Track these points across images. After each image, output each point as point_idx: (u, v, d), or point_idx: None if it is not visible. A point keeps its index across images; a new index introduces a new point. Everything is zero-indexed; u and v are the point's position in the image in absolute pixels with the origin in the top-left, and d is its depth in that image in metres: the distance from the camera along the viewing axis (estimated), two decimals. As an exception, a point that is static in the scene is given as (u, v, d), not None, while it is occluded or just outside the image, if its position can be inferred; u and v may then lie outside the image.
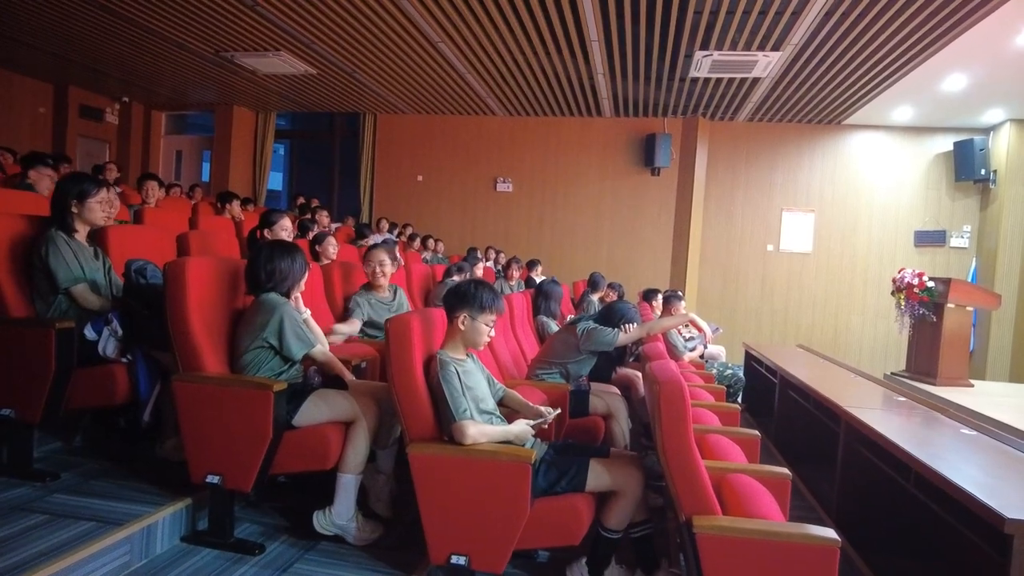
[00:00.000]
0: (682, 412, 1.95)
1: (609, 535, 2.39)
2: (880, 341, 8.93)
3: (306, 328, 2.68)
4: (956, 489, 2.06)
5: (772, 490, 2.25)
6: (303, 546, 2.53)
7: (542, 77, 7.67)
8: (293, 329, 2.56)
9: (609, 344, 3.47)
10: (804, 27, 5.70)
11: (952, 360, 6.07)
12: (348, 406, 2.56)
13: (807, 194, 9.21)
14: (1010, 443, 2.71)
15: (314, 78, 8.23)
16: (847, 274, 9.12)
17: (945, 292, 5.99)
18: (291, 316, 2.58)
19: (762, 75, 7.05)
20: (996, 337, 8.35)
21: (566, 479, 2.34)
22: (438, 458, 2.25)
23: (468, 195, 9.79)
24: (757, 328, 9.18)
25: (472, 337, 2.44)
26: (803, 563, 1.81)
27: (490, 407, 2.46)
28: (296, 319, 2.61)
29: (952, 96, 7.42)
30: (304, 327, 2.66)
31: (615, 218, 9.48)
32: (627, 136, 9.39)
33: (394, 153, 9.96)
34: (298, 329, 2.59)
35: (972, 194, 8.81)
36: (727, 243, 9.35)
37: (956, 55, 6.15)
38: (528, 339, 4.41)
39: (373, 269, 3.85)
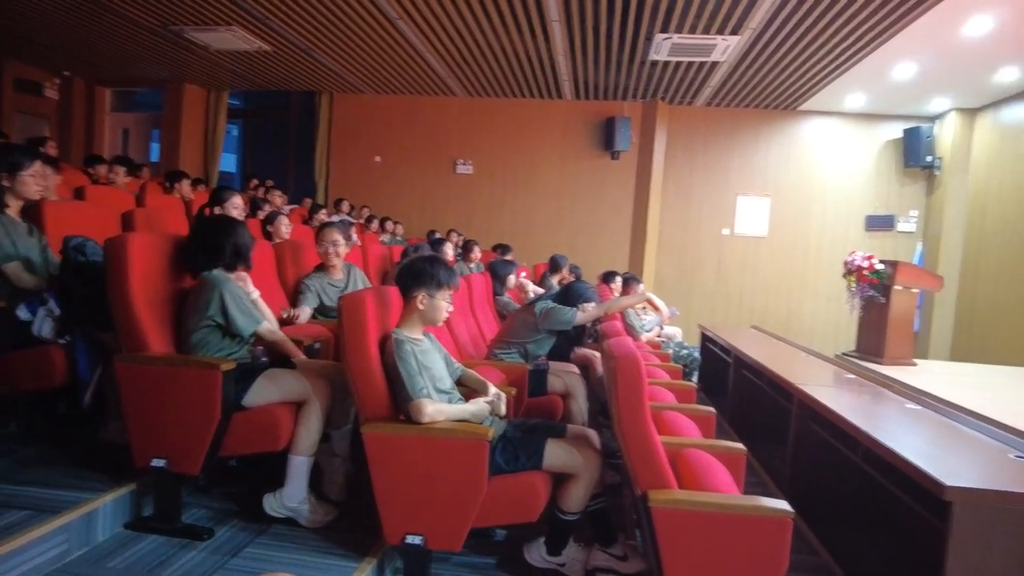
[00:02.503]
0: (638, 387, 1.95)
1: (567, 518, 2.39)
2: (831, 322, 9.18)
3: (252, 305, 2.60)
4: (900, 460, 2.11)
5: (727, 465, 2.28)
6: (254, 530, 2.47)
7: (503, 57, 7.59)
8: (238, 305, 2.49)
9: (567, 323, 3.47)
10: (762, 12, 5.75)
11: (898, 340, 6.27)
12: (299, 386, 2.49)
13: (762, 179, 9.36)
14: (950, 416, 2.81)
15: (268, 55, 7.98)
16: (800, 257, 9.33)
17: (893, 275, 6.17)
18: (234, 292, 2.50)
19: (721, 59, 7.10)
20: (938, 318, 8.66)
21: (523, 457, 2.33)
22: (393, 437, 2.22)
23: (427, 177, 9.66)
24: (713, 310, 9.34)
25: (432, 315, 2.41)
26: (757, 535, 1.84)
27: (447, 386, 2.43)
28: (240, 295, 2.53)
29: (902, 84, 7.61)
30: (250, 303, 2.58)
31: (575, 201, 9.49)
32: (587, 119, 9.38)
33: (351, 133, 9.76)
34: (243, 305, 2.52)
35: (919, 180, 9.08)
36: (684, 227, 9.46)
37: (906, 44, 6.30)
38: (487, 319, 4.38)
39: (326, 249, 3.76)
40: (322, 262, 3.82)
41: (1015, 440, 2.43)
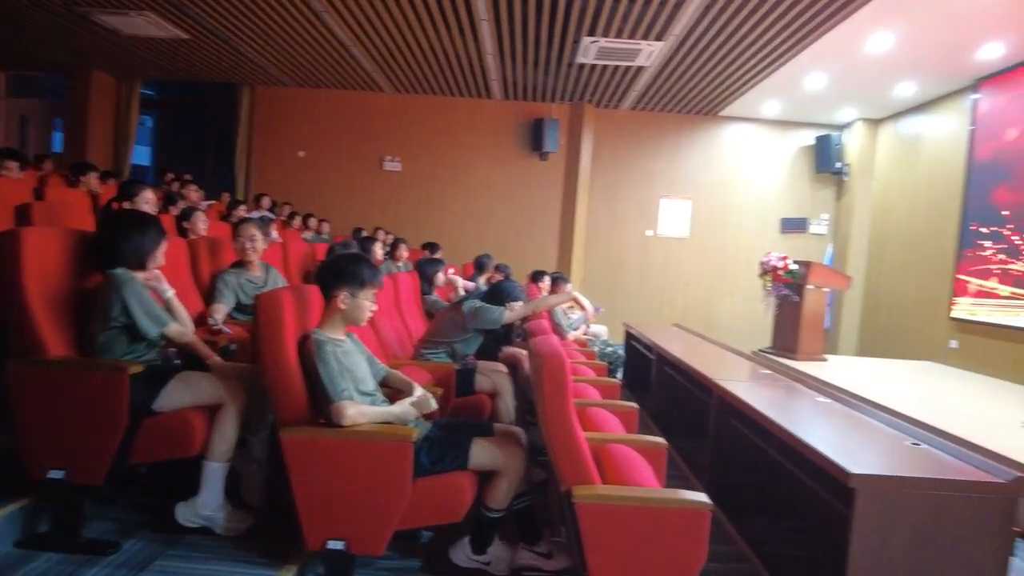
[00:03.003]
0: (563, 385, 1.96)
1: (492, 515, 2.39)
2: (748, 320, 9.55)
3: (158, 305, 2.47)
4: (810, 450, 2.22)
5: (649, 459, 2.33)
6: (165, 541, 2.35)
7: (431, 55, 7.52)
8: (142, 306, 2.36)
9: (495, 322, 3.47)
10: (685, 18, 5.93)
11: (810, 337, 6.61)
12: (213, 389, 2.39)
13: (684, 182, 9.65)
14: (855, 408, 2.97)
15: (185, 44, 7.61)
16: (719, 258, 9.68)
17: (806, 275, 6.50)
18: (139, 292, 2.37)
19: (645, 64, 7.28)
20: (847, 315, 9.18)
21: (449, 457, 2.31)
22: (313, 441, 2.15)
23: (354, 173, 9.46)
24: (637, 308, 9.56)
25: (354, 315, 2.34)
26: (677, 527, 1.88)
27: (370, 388, 2.38)
28: (144, 295, 2.40)
29: (813, 94, 8.02)
30: (156, 304, 2.44)
31: (505, 200, 9.52)
32: (516, 119, 9.43)
33: (274, 127, 9.45)
34: (148, 306, 2.39)
35: (830, 185, 9.59)
36: (610, 228, 9.65)
37: (816, 56, 6.64)
38: (414, 319, 4.33)
39: (243, 245, 3.62)
40: (239, 259, 3.67)
41: (911, 428, 2.59)
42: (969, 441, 3.69)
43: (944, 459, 2.23)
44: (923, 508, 2.00)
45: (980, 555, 2.01)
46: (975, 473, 2.09)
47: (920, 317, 7.86)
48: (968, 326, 6.99)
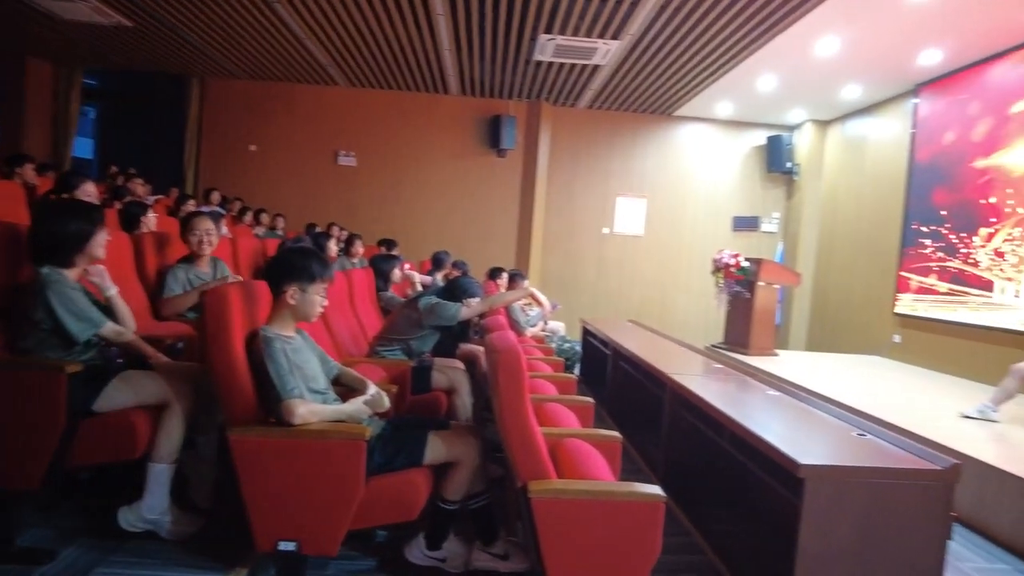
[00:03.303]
0: (519, 380, 1.95)
1: (447, 507, 2.37)
2: (702, 316, 9.75)
3: (91, 306, 2.35)
4: (761, 442, 2.26)
5: (604, 452, 2.34)
6: (106, 548, 2.26)
7: (387, 49, 7.43)
8: (68, 308, 2.24)
9: (452, 318, 3.44)
10: (641, 18, 5.99)
11: (761, 332, 6.78)
12: (158, 388, 2.31)
13: (640, 181, 9.77)
14: (805, 401, 3.04)
15: (130, 32, 7.33)
16: (674, 255, 9.84)
17: (757, 272, 6.67)
18: (63, 293, 2.24)
19: (602, 63, 7.33)
20: (797, 311, 9.44)
21: (403, 454, 2.28)
22: (262, 441, 2.09)
23: (308, 168, 9.28)
24: (593, 305, 9.64)
25: (305, 310, 2.28)
26: (632, 519, 1.89)
27: (322, 386, 2.32)
28: (71, 296, 2.27)
29: (765, 95, 8.21)
30: (88, 304, 2.33)
31: (462, 197, 9.48)
32: (474, 116, 9.39)
33: (225, 121, 9.19)
34: (77, 308, 2.26)
35: (780, 184, 9.83)
36: (567, 225, 9.70)
37: (768, 57, 6.79)
38: (369, 316, 4.26)
39: (200, 239, 3.50)
40: (188, 253, 3.55)
41: (857, 420, 2.67)
42: (911, 431, 3.83)
43: (888, 449, 2.30)
44: (868, 496, 2.06)
45: (920, 539, 2.08)
46: (916, 461, 2.16)
47: (866, 313, 8.13)
48: (910, 321, 7.26)
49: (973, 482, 3.37)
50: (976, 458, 3.41)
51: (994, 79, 6.32)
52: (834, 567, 2.06)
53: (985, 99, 6.40)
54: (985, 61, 6.40)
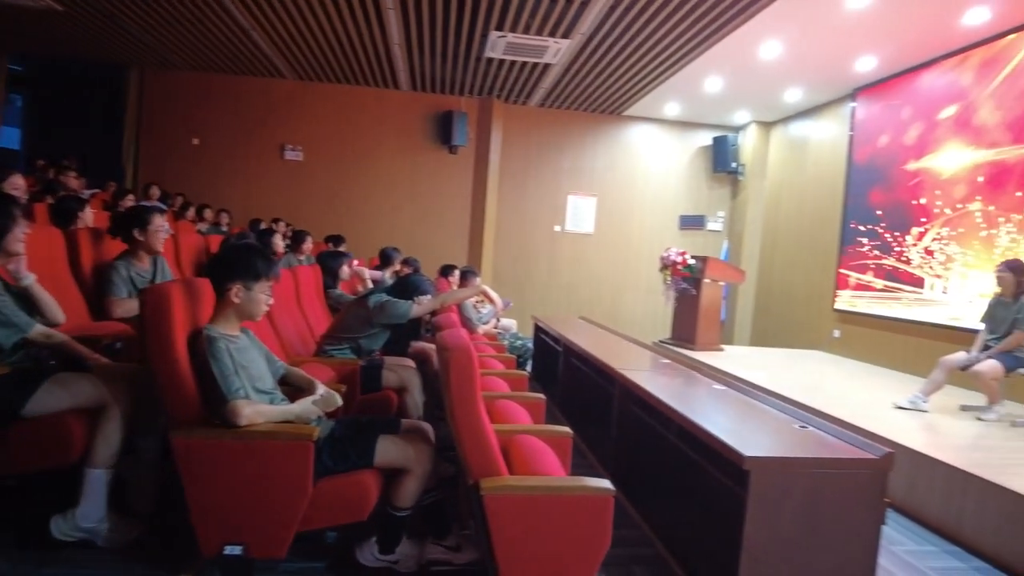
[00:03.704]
0: (470, 377, 1.95)
1: (399, 514, 2.34)
2: (650, 313, 9.93)
3: (15, 308, 2.23)
4: (707, 435, 2.31)
5: (555, 448, 2.36)
6: (37, 560, 2.15)
7: (335, 42, 7.30)
8: None
9: (403, 316, 3.41)
10: (591, 17, 6.04)
11: (707, 328, 6.95)
12: (94, 391, 2.21)
13: (590, 179, 9.88)
14: (749, 395, 3.13)
15: (60, 16, 6.98)
16: (623, 253, 9.98)
17: (703, 269, 6.83)
18: None
19: (553, 61, 7.37)
20: (741, 308, 9.71)
21: (353, 455, 2.25)
22: (207, 443, 2.03)
23: (252, 162, 9.03)
24: (545, 302, 9.72)
25: (249, 308, 2.23)
26: (582, 513, 1.91)
27: (268, 386, 2.27)
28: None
29: (711, 96, 8.40)
30: (10, 309, 2.21)
31: (413, 193, 9.39)
32: (424, 112, 9.32)
33: (166, 113, 8.86)
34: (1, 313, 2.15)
35: (726, 184, 10.08)
36: (520, 222, 9.73)
37: (714, 59, 6.95)
38: (316, 314, 4.19)
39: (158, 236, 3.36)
40: (127, 249, 3.40)
41: (799, 412, 2.76)
42: (848, 422, 3.99)
43: (827, 440, 2.39)
44: (809, 485, 2.13)
45: (857, 525, 2.17)
46: (853, 451, 2.25)
47: (807, 309, 8.41)
48: (849, 317, 7.55)
49: (905, 469, 3.53)
50: (908, 446, 3.57)
51: (924, 86, 6.62)
52: (777, 555, 2.13)
53: (916, 105, 6.70)
54: (916, 69, 6.71)
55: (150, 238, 3.28)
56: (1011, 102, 5.61)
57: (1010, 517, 2.96)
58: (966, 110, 6.08)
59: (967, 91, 6.08)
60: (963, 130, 6.10)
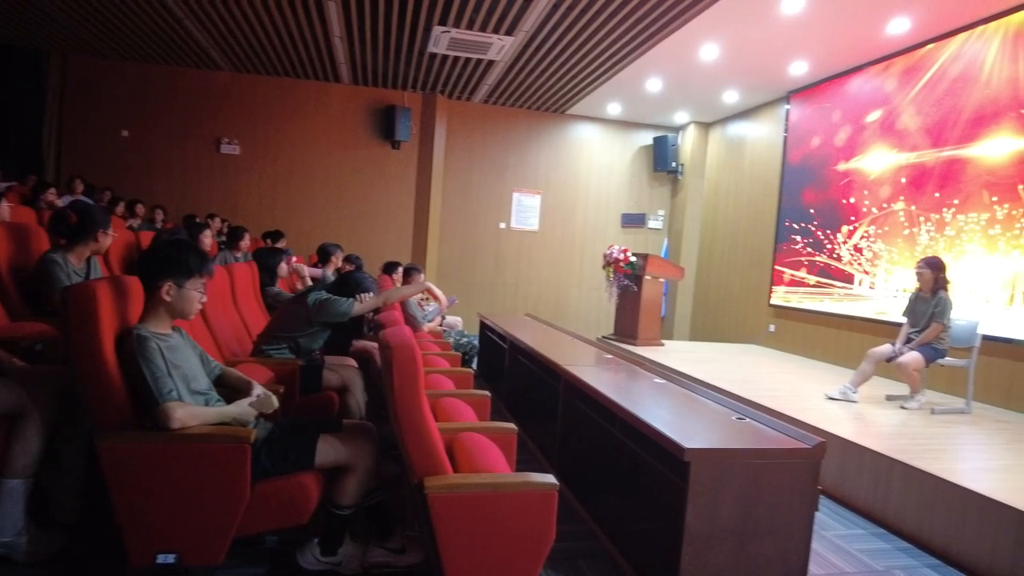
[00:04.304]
0: (414, 376, 1.92)
1: (341, 512, 2.30)
2: (594, 309, 10.06)
3: None
4: (649, 428, 2.36)
5: (500, 444, 2.36)
6: (-51, 575, 2.02)
7: (274, 34, 7.09)
8: None
9: (343, 315, 3.33)
10: (535, 15, 6.06)
11: (648, 324, 7.09)
12: (10, 396, 2.09)
13: (535, 177, 9.92)
14: (689, 388, 3.20)
15: (-29, -2, 6.57)
16: (567, 250, 10.08)
17: (644, 266, 6.96)
18: None
19: (496, 58, 7.36)
20: (680, 304, 9.94)
21: (293, 457, 2.19)
22: (137, 447, 1.94)
23: (187, 156, 8.69)
24: (491, 299, 9.72)
25: (181, 307, 2.14)
26: (526, 508, 1.91)
27: (203, 387, 2.19)
28: None
29: (652, 97, 8.56)
30: None
31: (355, 189, 9.23)
32: (366, 106, 9.17)
33: (92, 102, 8.42)
34: None
35: (666, 183, 10.30)
36: (464, 220, 9.69)
37: (655, 60, 7.08)
38: (253, 313, 4.06)
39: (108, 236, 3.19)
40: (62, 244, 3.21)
41: (736, 405, 2.84)
42: (783, 413, 4.13)
43: (763, 431, 2.47)
44: (746, 475, 2.19)
45: (792, 511, 2.25)
46: (788, 441, 2.33)
47: (744, 304, 8.68)
48: (783, 311, 7.82)
49: (836, 457, 3.68)
50: (838, 436, 3.73)
51: (852, 91, 6.92)
52: (717, 543, 2.18)
53: (845, 108, 6.99)
54: (845, 74, 7.00)
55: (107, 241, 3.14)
56: (929, 108, 5.92)
57: (928, 498, 3.13)
58: (890, 115, 6.38)
59: (891, 97, 6.39)
60: (887, 133, 6.40)
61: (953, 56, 5.73)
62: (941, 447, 3.71)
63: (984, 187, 5.35)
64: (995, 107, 5.31)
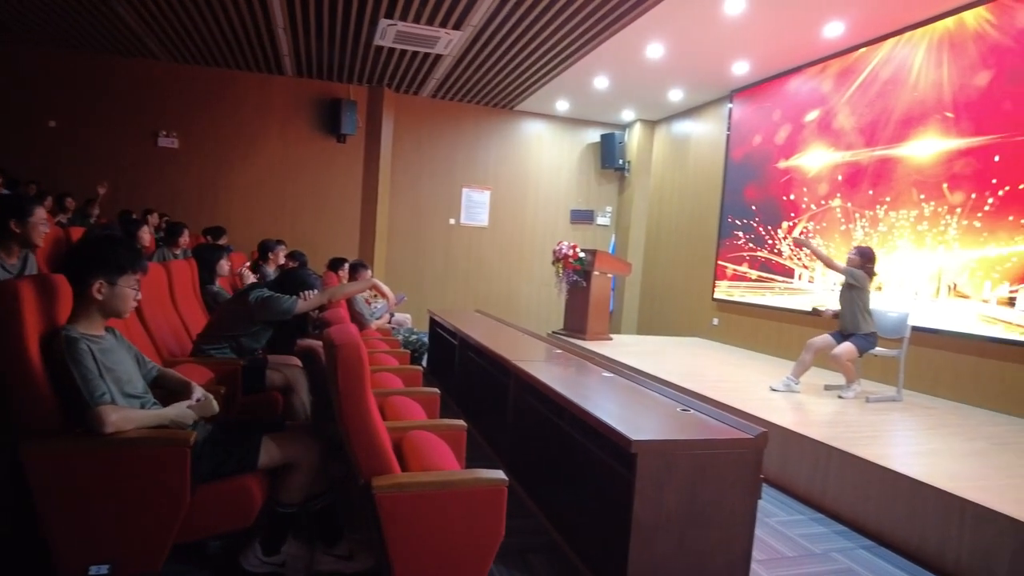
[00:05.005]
0: (359, 374, 1.89)
1: (284, 510, 2.24)
2: (544, 304, 10.12)
3: None
4: (598, 421, 2.38)
5: (450, 442, 2.34)
6: None
7: (213, 23, 6.86)
8: None
9: (287, 312, 3.25)
10: (483, 10, 6.03)
11: (597, 318, 7.17)
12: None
13: (484, 172, 9.91)
14: (636, 381, 3.25)
15: None
16: (517, 246, 10.10)
17: (593, 262, 7.04)
18: None
19: (444, 52, 7.31)
20: (628, 298, 10.10)
21: (235, 459, 2.13)
22: (66, 454, 1.85)
23: (122, 149, 8.31)
24: (442, 296, 9.67)
25: (115, 305, 2.04)
26: (476, 505, 1.91)
27: (138, 390, 2.10)
28: None
29: (599, 94, 8.64)
30: None
31: (299, 183, 9.01)
32: (311, 99, 8.97)
33: (12, 91, 7.96)
34: None
35: (613, 180, 10.43)
36: (413, 215, 9.60)
37: (602, 58, 7.15)
38: (192, 312, 3.93)
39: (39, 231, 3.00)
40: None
41: (682, 396, 2.90)
42: (727, 404, 4.24)
43: (707, 422, 2.52)
44: (691, 465, 2.24)
45: (736, 500, 2.31)
46: (731, 432, 2.38)
47: (689, 298, 8.87)
48: (726, 305, 8.03)
49: (777, 446, 3.80)
50: (780, 425, 3.85)
51: (792, 91, 7.14)
52: (664, 533, 2.22)
53: (785, 108, 7.21)
54: (785, 74, 7.21)
55: (30, 231, 2.93)
56: (863, 109, 6.16)
57: (863, 483, 3.26)
58: (827, 114, 6.61)
59: (827, 97, 6.62)
60: (825, 133, 6.63)
61: (884, 60, 5.98)
62: (874, 434, 3.88)
63: (913, 185, 5.61)
64: (922, 109, 5.56)
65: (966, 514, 2.77)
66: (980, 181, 5.05)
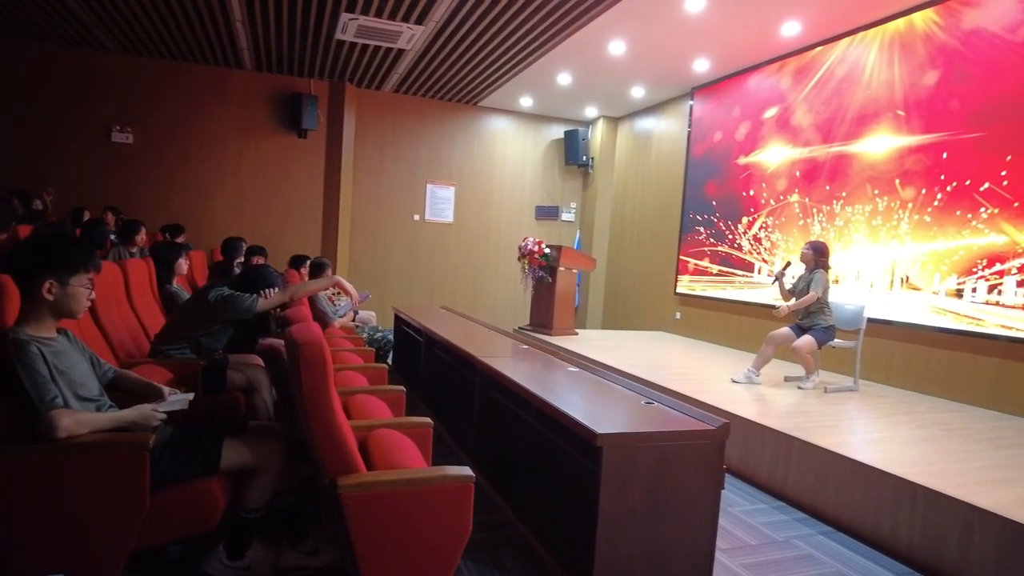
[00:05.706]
0: (322, 373, 1.86)
1: (249, 516, 2.21)
2: (510, 300, 10.13)
3: None
4: (563, 415, 2.40)
5: (416, 439, 2.33)
6: None
7: (168, 15, 6.67)
8: None
9: (247, 311, 3.19)
10: (446, 4, 5.99)
11: (563, 314, 7.22)
12: None
13: (448, 168, 9.86)
14: (601, 375, 3.28)
15: None
16: (483, 242, 10.09)
17: (558, 258, 7.07)
18: None
19: (407, 47, 7.24)
20: (593, 294, 10.17)
21: (196, 462, 2.08)
22: (15, 461, 1.79)
23: (73, 144, 8.02)
24: (407, 293, 9.60)
25: (67, 306, 1.97)
26: (442, 502, 1.90)
27: (94, 392, 2.04)
28: None
29: (562, 91, 8.67)
30: None
31: (259, 179, 8.84)
32: (271, 93, 8.80)
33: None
34: None
35: (577, 176, 10.49)
36: (377, 211, 9.51)
37: (565, 54, 7.17)
38: (150, 311, 3.83)
39: None
40: None
41: (646, 390, 2.94)
42: (690, 397, 4.31)
43: (671, 414, 2.56)
44: (655, 457, 2.27)
45: (700, 490, 2.35)
46: (694, 423, 2.42)
47: (652, 293, 8.98)
48: (688, 299, 8.15)
49: (740, 437, 3.88)
50: (742, 416, 3.93)
51: (751, 88, 7.27)
52: (630, 524, 2.25)
53: (744, 105, 7.34)
54: (744, 72, 7.34)
55: None
56: (819, 106, 6.31)
57: (822, 471, 3.35)
58: (785, 112, 6.76)
59: (785, 95, 6.76)
60: (783, 129, 6.77)
61: (839, 59, 6.13)
62: (833, 423, 3.99)
63: (867, 181, 5.77)
64: (875, 107, 5.72)
65: (917, 498, 2.87)
66: (930, 177, 5.22)
